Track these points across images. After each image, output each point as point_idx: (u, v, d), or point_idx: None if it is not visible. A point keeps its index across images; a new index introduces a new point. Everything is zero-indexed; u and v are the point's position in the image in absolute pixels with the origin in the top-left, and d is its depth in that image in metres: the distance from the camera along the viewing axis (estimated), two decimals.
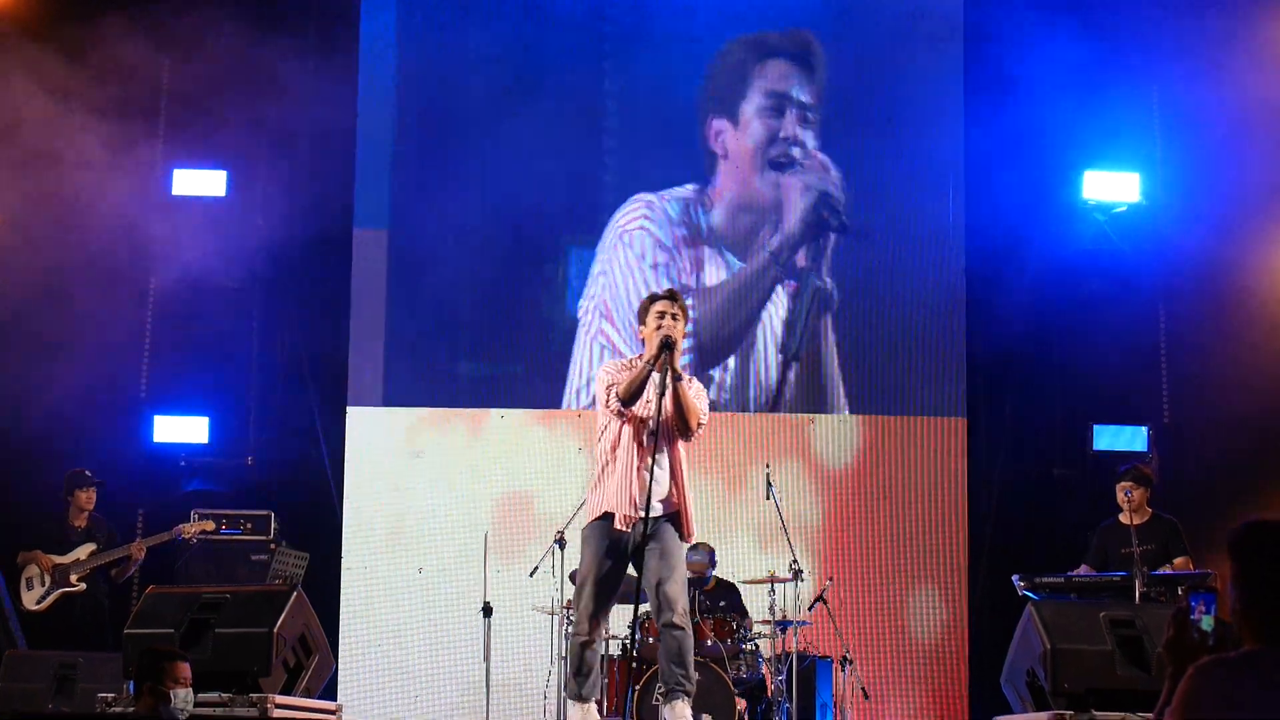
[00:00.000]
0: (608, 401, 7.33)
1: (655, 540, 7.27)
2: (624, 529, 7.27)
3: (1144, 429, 11.62)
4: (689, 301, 7.57)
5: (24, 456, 11.12)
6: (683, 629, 7.24)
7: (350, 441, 11.80)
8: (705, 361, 12.01)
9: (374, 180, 12.08)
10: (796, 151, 12.32)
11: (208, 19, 11.59)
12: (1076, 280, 11.86)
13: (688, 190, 12.28)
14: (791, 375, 12.03)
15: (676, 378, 7.22)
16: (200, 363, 11.85)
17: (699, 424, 7.35)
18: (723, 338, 12.08)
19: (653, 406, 7.26)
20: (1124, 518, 9.67)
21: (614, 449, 7.36)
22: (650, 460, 7.21)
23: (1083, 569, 9.72)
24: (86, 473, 10.55)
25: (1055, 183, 11.92)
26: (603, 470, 7.39)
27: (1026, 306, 11.87)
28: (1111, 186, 11.87)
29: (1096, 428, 11.68)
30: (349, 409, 11.84)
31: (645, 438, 7.29)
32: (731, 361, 12.07)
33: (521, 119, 12.03)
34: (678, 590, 7.27)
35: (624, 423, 7.34)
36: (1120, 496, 9.72)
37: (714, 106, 12.43)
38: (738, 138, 12.38)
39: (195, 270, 11.72)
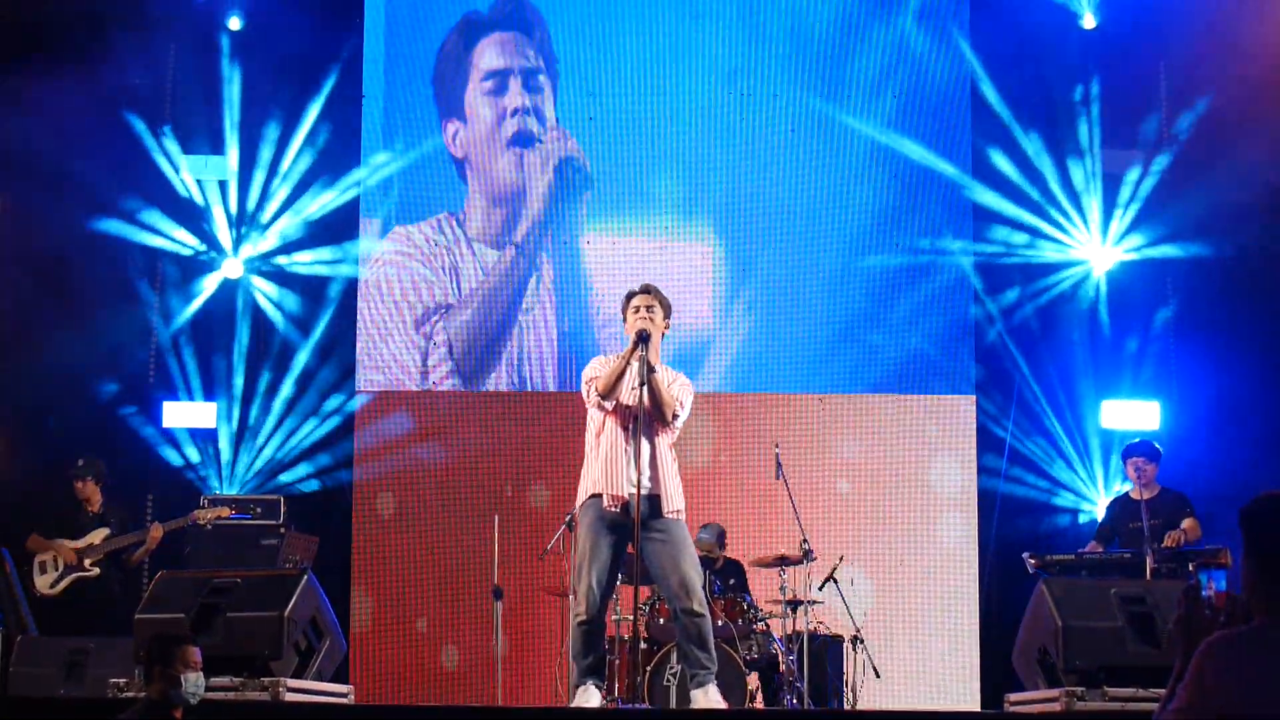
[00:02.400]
0: (588, 396, 7.56)
1: (660, 528, 7.38)
2: (613, 508, 7.43)
3: (1155, 404, 11.61)
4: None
5: (36, 442, 11.14)
6: (701, 615, 7.42)
7: (359, 424, 11.82)
8: (475, 370, 11.94)
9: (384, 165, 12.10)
10: (532, 123, 12.07)
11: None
12: (1085, 255, 11.88)
13: (440, 216, 12.07)
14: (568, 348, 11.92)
15: (650, 370, 7.41)
16: (208, 348, 11.91)
17: (674, 414, 7.55)
18: (486, 340, 11.94)
19: (635, 395, 7.44)
20: (1134, 493, 9.65)
21: (599, 435, 7.59)
22: (632, 444, 7.43)
23: (1091, 546, 9.72)
24: (80, 463, 10.55)
25: (1064, 159, 11.90)
26: (589, 455, 7.62)
27: (1035, 282, 11.90)
28: (1123, 160, 11.88)
29: (1106, 404, 11.67)
30: (358, 393, 11.85)
31: (629, 424, 7.48)
32: (509, 353, 11.94)
33: None
34: (692, 577, 7.44)
35: (608, 411, 7.54)
36: (1131, 472, 9.71)
37: (445, 109, 12.20)
38: (470, 131, 12.12)
39: (204, 254, 11.87)
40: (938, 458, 11.79)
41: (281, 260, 12.04)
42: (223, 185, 12.01)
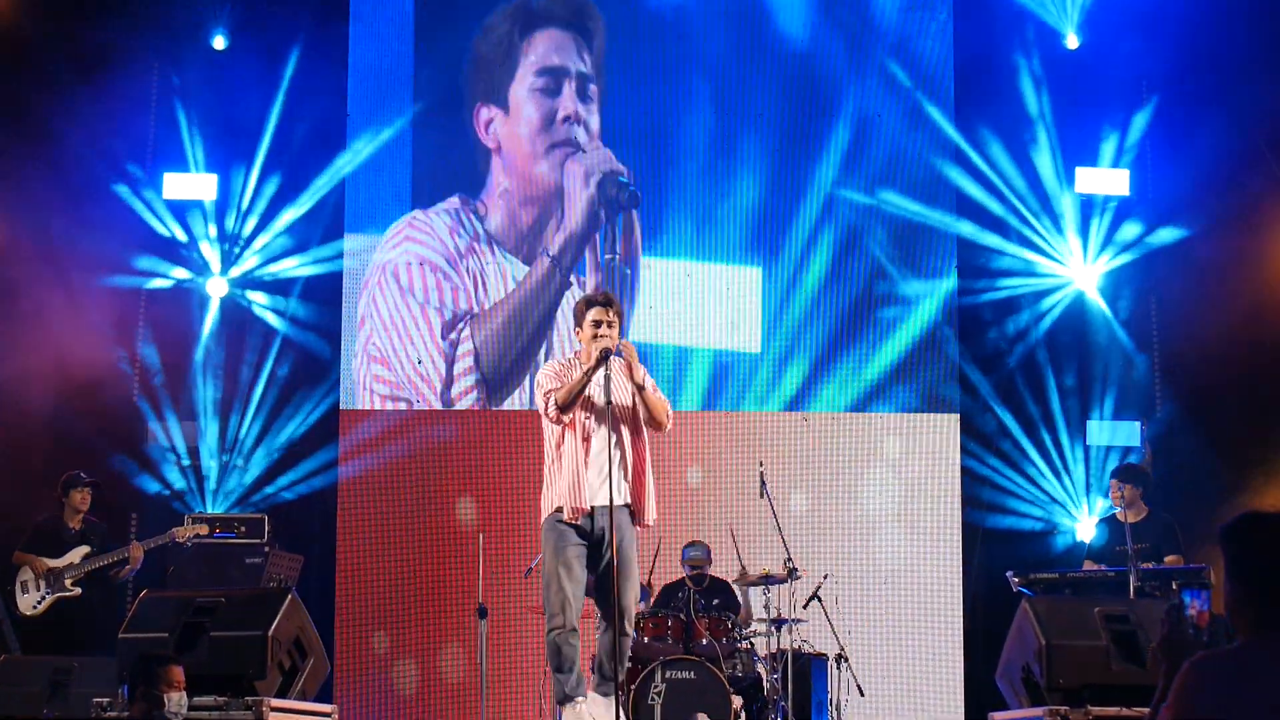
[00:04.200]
0: (546, 409, 7.54)
1: (618, 547, 7.40)
2: (573, 521, 7.47)
3: (1137, 423, 11.63)
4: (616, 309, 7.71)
5: (19, 460, 11.11)
6: (628, 635, 7.55)
7: (344, 443, 11.79)
8: (502, 383, 11.75)
9: (366, 183, 12.06)
10: (579, 133, 11.75)
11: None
12: (1069, 275, 11.92)
13: (454, 202, 11.76)
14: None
15: (641, 389, 7.49)
16: (191, 365, 11.88)
17: (668, 415, 7.61)
18: (515, 353, 11.71)
19: (596, 406, 7.48)
20: (1120, 515, 9.67)
21: (559, 447, 7.59)
22: (593, 454, 7.49)
23: (1087, 565, 9.73)
24: (81, 474, 10.54)
25: (1048, 178, 11.93)
26: (550, 469, 7.63)
27: (1019, 301, 11.93)
28: (1103, 181, 11.90)
29: (1090, 423, 11.70)
30: (341, 410, 11.82)
31: (593, 435, 7.50)
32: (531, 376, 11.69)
33: None
34: (631, 599, 7.54)
35: (566, 424, 7.54)
36: (1113, 493, 9.73)
37: (482, 93, 11.84)
38: (510, 125, 11.75)
39: (187, 273, 11.87)
40: (922, 476, 11.80)
41: (267, 273, 12.00)
42: (203, 205, 11.95)
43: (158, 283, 11.93)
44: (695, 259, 11.95)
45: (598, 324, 7.52)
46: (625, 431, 7.56)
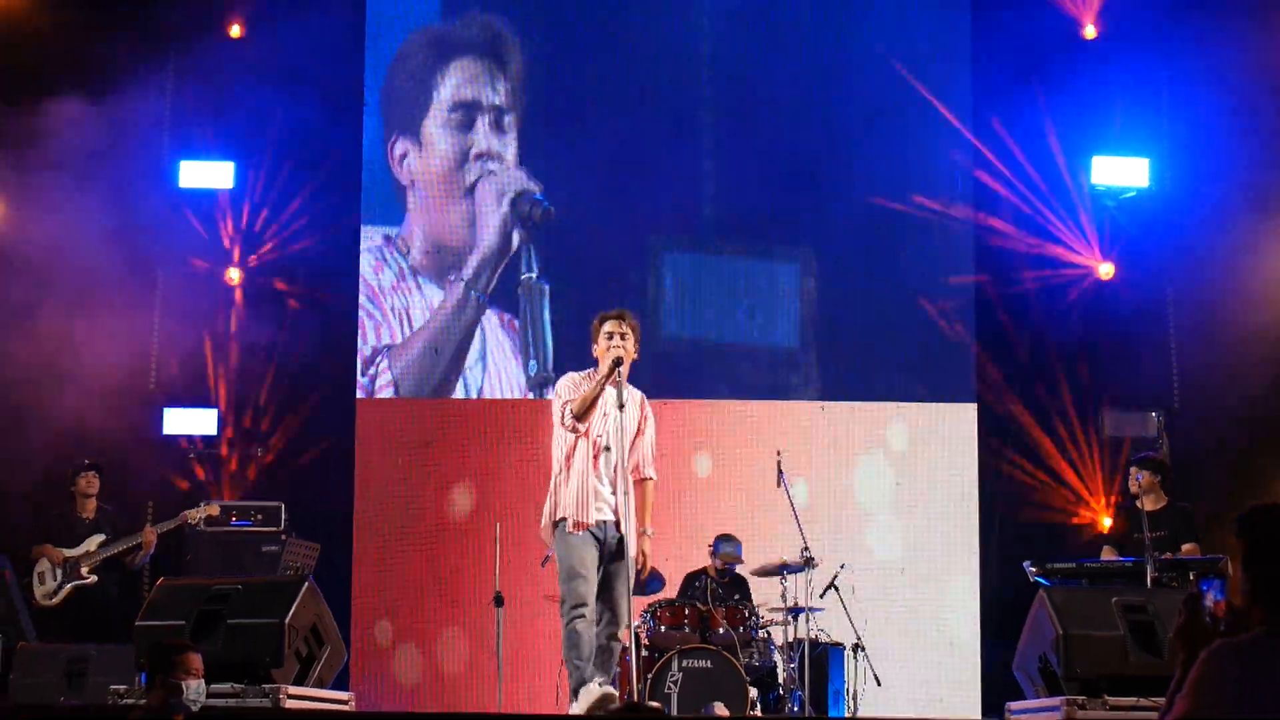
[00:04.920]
0: (563, 418, 7.68)
1: (621, 557, 7.63)
2: (575, 532, 7.64)
3: (1154, 413, 11.60)
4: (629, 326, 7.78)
5: (34, 451, 11.13)
6: (621, 643, 7.79)
7: (361, 432, 11.81)
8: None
9: (382, 174, 12.05)
10: (493, 167, 11.73)
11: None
12: (1085, 265, 11.88)
13: (378, 238, 11.80)
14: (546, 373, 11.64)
15: (645, 534, 7.74)
16: (210, 354, 11.89)
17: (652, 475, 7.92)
18: (435, 381, 11.80)
19: (609, 421, 7.61)
20: (1140, 502, 9.64)
21: (568, 459, 7.75)
22: (600, 471, 7.69)
23: (1106, 551, 9.72)
24: (84, 460, 10.58)
25: (1064, 167, 11.89)
26: (557, 479, 7.78)
27: (1036, 292, 11.89)
28: (1121, 171, 11.85)
29: (1107, 413, 11.66)
30: (359, 400, 11.84)
31: (602, 452, 7.68)
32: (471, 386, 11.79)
33: None
34: (625, 609, 7.70)
35: (579, 435, 7.69)
36: (1131, 481, 9.71)
37: (395, 125, 11.82)
38: (424, 161, 11.74)
39: (204, 262, 11.86)
40: (939, 466, 11.79)
41: (284, 261, 12.01)
42: (222, 195, 11.96)
43: (174, 271, 11.93)
44: (712, 254, 11.93)
45: (610, 336, 7.71)
46: (628, 454, 7.74)
